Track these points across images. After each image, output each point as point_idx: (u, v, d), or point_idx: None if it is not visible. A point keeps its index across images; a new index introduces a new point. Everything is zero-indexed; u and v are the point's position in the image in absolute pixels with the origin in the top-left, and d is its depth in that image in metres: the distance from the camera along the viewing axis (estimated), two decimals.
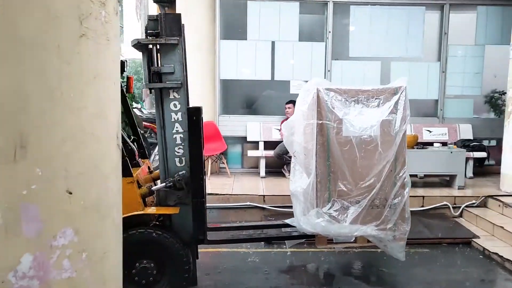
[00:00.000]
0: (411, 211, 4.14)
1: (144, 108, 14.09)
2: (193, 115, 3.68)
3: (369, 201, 3.87)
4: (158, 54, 3.69)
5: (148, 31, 3.65)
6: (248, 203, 6.15)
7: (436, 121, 8.46)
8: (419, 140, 7.35)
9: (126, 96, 4.39)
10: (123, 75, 3.83)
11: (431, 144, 7.48)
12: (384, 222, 3.90)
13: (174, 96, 3.67)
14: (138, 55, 3.81)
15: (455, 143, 7.67)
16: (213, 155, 7.78)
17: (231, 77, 8.25)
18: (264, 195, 6.32)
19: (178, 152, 3.71)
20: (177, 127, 3.69)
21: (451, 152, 6.87)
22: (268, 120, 8.14)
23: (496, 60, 8.17)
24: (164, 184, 3.65)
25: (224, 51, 8.11)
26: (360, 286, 4.24)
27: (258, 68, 8.19)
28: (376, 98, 3.93)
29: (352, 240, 4.13)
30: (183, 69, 3.67)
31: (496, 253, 4.93)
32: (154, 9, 14.41)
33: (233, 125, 8.19)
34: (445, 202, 6.37)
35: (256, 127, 8.01)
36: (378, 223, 3.90)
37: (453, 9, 8.40)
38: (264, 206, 6.16)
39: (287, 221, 4.27)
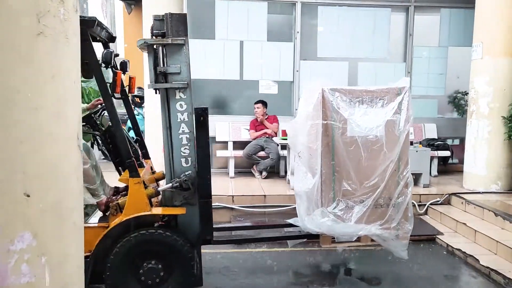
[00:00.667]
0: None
1: None
2: (201, 115, 3.67)
3: (374, 201, 3.89)
4: (163, 55, 3.67)
5: (154, 31, 3.62)
6: (216, 204, 6.13)
7: None
8: None
9: (129, 98, 4.32)
10: (125, 75, 3.79)
11: None
12: (388, 221, 3.94)
13: (180, 96, 3.65)
14: None
15: (420, 142, 7.83)
16: None
17: (199, 76, 8.12)
18: (233, 196, 6.30)
19: (184, 153, 3.69)
20: (183, 128, 3.67)
21: (417, 151, 6.99)
22: (237, 120, 8.09)
23: (459, 62, 8.38)
24: (171, 184, 3.63)
25: (191, 51, 7.96)
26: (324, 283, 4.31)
27: (227, 68, 8.14)
28: (380, 99, 3.95)
29: (355, 240, 4.10)
30: (189, 70, 3.65)
31: (459, 249, 5.08)
32: (120, 7, 14.27)
33: None
34: (411, 200, 6.47)
35: (225, 127, 7.97)
36: (382, 222, 3.92)
37: (417, 11, 8.57)
38: (233, 206, 6.14)
39: (290, 221, 4.28)
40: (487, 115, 6.48)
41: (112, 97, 3.61)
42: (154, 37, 3.66)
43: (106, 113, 4.02)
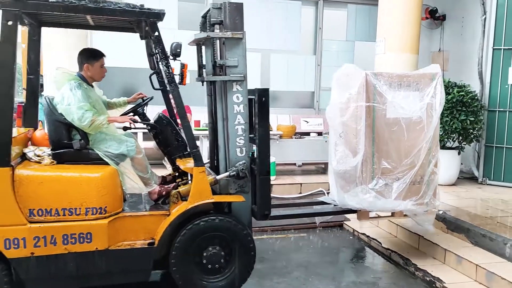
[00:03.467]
0: (290, 198, 4.29)
1: None
2: (262, 95, 3.80)
3: (411, 178, 4.18)
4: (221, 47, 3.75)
5: (211, 19, 3.69)
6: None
7: (313, 112, 8.95)
8: (297, 130, 7.88)
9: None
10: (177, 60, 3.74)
11: (308, 134, 8.03)
12: (422, 197, 4.27)
13: (237, 88, 3.77)
14: None
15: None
16: None
17: (112, 64, 7.75)
18: None
19: (239, 143, 3.82)
20: (239, 119, 3.80)
21: (326, 141, 7.20)
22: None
23: (365, 55, 8.81)
24: (228, 173, 3.77)
25: (97, 37, 7.69)
26: None
27: (138, 56, 7.75)
28: (417, 83, 4.21)
29: (390, 214, 4.47)
30: (246, 63, 3.75)
31: (364, 234, 5.52)
32: None
33: None
34: (320, 188, 6.89)
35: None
36: (417, 198, 4.26)
37: (326, 6, 8.93)
38: None
39: (322, 198, 4.61)
40: None
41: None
42: (212, 25, 3.74)
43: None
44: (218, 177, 3.82)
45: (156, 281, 4.08)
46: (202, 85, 4.14)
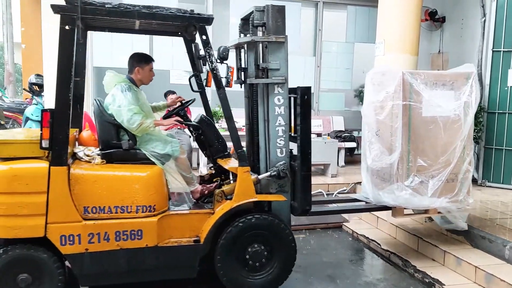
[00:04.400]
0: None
1: (6, 96, 13.05)
2: (305, 93, 3.95)
3: (446, 176, 4.28)
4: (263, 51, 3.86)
5: (255, 22, 3.82)
6: None
7: (312, 113, 8.69)
8: None
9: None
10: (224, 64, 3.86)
11: None
12: (457, 195, 4.38)
13: (278, 91, 3.89)
14: None
15: (328, 134, 8.22)
16: None
17: (106, 64, 7.65)
18: None
19: (279, 144, 3.94)
20: (279, 120, 3.92)
21: (325, 143, 7.35)
22: None
23: (364, 57, 8.88)
24: (269, 173, 3.89)
25: (95, 38, 7.83)
26: None
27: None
28: (452, 82, 4.31)
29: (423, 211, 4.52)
30: (287, 66, 3.87)
31: (363, 235, 5.51)
32: None
33: None
34: (320, 190, 6.91)
35: None
36: (452, 195, 4.36)
37: (326, 7, 8.97)
38: None
39: (355, 196, 4.73)
40: None
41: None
42: (255, 28, 3.86)
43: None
44: (260, 176, 3.93)
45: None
46: (241, 87, 4.24)
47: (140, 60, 3.98)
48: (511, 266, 4.14)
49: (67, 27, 3.28)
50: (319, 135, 8.30)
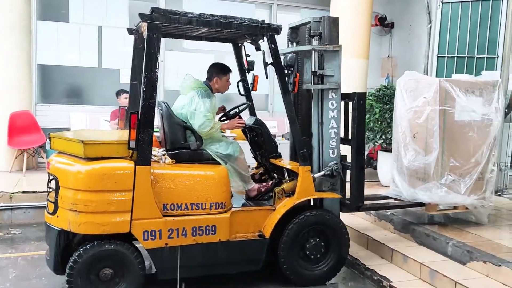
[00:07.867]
0: None
1: None
2: (361, 99, 4.28)
3: (477, 175, 4.69)
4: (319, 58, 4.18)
5: (312, 32, 4.13)
6: None
7: (267, 115, 9.04)
8: None
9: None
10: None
11: None
12: (484, 192, 4.81)
13: (332, 96, 4.19)
14: None
15: (283, 135, 8.32)
16: (29, 149, 7.16)
17: (51, 62, 7.66)
18: None
19: (331, 145, 4.24)
20: (332, 123, 4.22)
21: (279, 143, 7.46)
22: (96, 111, 7.69)
23: None
24: (323, 172, 4.18)
25: (42, 33, 7.54)
26: None
27: (83, 54, 7.69)
28: (481, 89, 4.74)
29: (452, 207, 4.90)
30: (340, 72, 4.18)
31: None
32: None
33: (54, 115, 7.57)
34: None
35: (82, 118, 7.53)
36: (480, 193, 4.78)
37: (280, 9, 9.17)
38: None
39: (386, 193, 5.08)
40: None
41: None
42: (312, 37, 4.20)
43: None
44: (315, 175, 4.22)
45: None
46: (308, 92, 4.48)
47: (220, 71, 4.24)
48: (453, 262, 4.30)
49: (154, 35, 3.48)
50: (274, 136, 8.27)
